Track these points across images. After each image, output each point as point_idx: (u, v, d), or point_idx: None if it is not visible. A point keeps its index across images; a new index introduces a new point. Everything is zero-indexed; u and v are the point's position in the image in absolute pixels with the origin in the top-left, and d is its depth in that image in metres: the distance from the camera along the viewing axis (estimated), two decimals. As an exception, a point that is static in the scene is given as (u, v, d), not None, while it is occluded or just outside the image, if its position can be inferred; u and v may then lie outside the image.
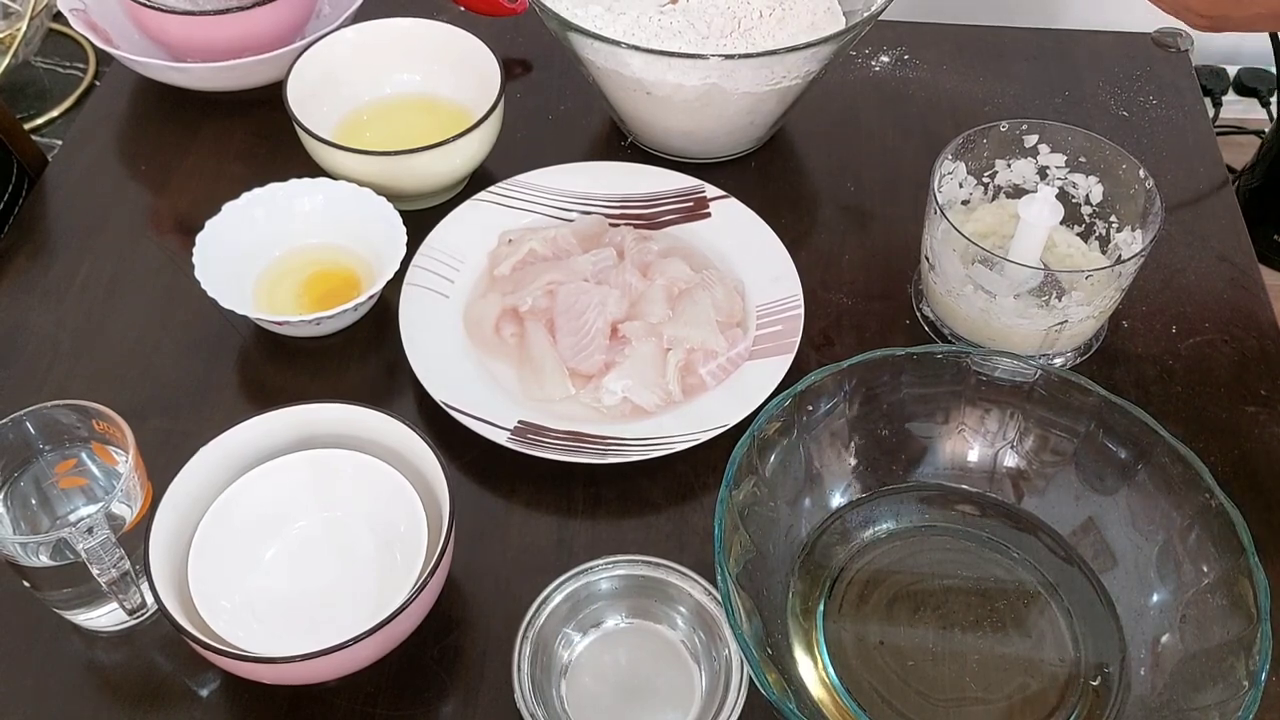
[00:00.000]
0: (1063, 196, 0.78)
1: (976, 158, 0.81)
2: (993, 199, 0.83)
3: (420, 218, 0.84)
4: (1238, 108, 1.62)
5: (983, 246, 0.73)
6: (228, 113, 0.97)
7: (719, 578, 0.60)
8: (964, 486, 0.72)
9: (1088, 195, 0.80)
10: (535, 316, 0.79)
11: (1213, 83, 1.59)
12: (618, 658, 0.65)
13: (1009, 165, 0.82)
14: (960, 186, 0.82)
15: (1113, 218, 0.80)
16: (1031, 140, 0.81)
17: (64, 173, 0.93)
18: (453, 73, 0.93)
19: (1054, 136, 0.80)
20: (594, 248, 0.82)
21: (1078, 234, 0.81)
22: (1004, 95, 0.99)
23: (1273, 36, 1.12)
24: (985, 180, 0.82)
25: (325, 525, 0.69)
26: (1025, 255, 0.75)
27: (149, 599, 0.66)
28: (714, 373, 0.77)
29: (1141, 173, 0.76)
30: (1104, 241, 0.80)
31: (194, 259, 0.78)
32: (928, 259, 0.78)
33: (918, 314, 0.83)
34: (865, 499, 0.71)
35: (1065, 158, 0.80)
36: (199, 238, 0.79)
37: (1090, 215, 0.81)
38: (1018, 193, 0.82)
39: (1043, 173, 0.81)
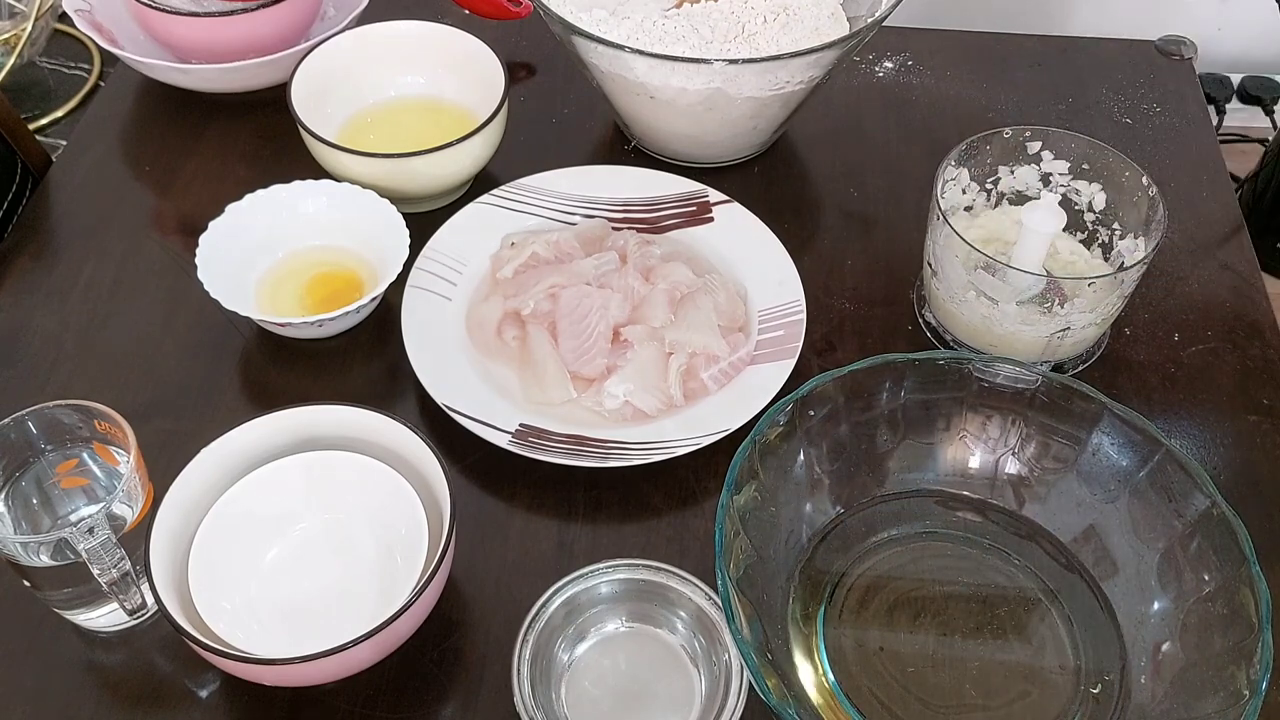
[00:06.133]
0: (1065, 203, 0.78)
1: (980, 164, 0.81)
2: (995, 205, 0.83)
3: (423, 220, 0.84)
4: (1241, 116, 1.62)
5: (985, 253, 0.73)
6: (232, 114, 0.97)
7: (719, 582, 0.60)
8: (965, 493, 0.72)
9: (1090, 202, 0.80)
10: (537, 320, 0.79)
11: (1217, 91, 1.59)
12: (618, 662, 0.65)
13: (1012, 172, 0.82)
14: (963, 193, 0.82)
15: (1115, 225, 0.80)
16: (1035, 147, 0.81)
17: (68, 173, 0.93)
18: (457, 76, 0.93)
19: (1057, 143, 0.80)
20: (596, 251, 0.82)
21: (1080, 241, 0.81)
22: (1007, 102, 0.99)
23: None
24: (988, 186, 0.82)
25: (326, 527, 0.69)
26: (1028, 262, 0.75)
27: (149, 599, 0.66)
28: (716, 377, 0.77)
29: (1145, 180, 0.76)
30: (1106, 249, 0.80)
31: (197, 260, 0.78)
32: (930, 265, 0.78)
33: (920, 320, 0.83)
34: (866, 505, 0.71)
35: (1068, 164, 0.80)
36: (202, 239, 0.79)
37: (1093, 222, 0.81)
38: (1020, 199, 0.82)
39: (1046, 179, 0.81)
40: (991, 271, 0.74)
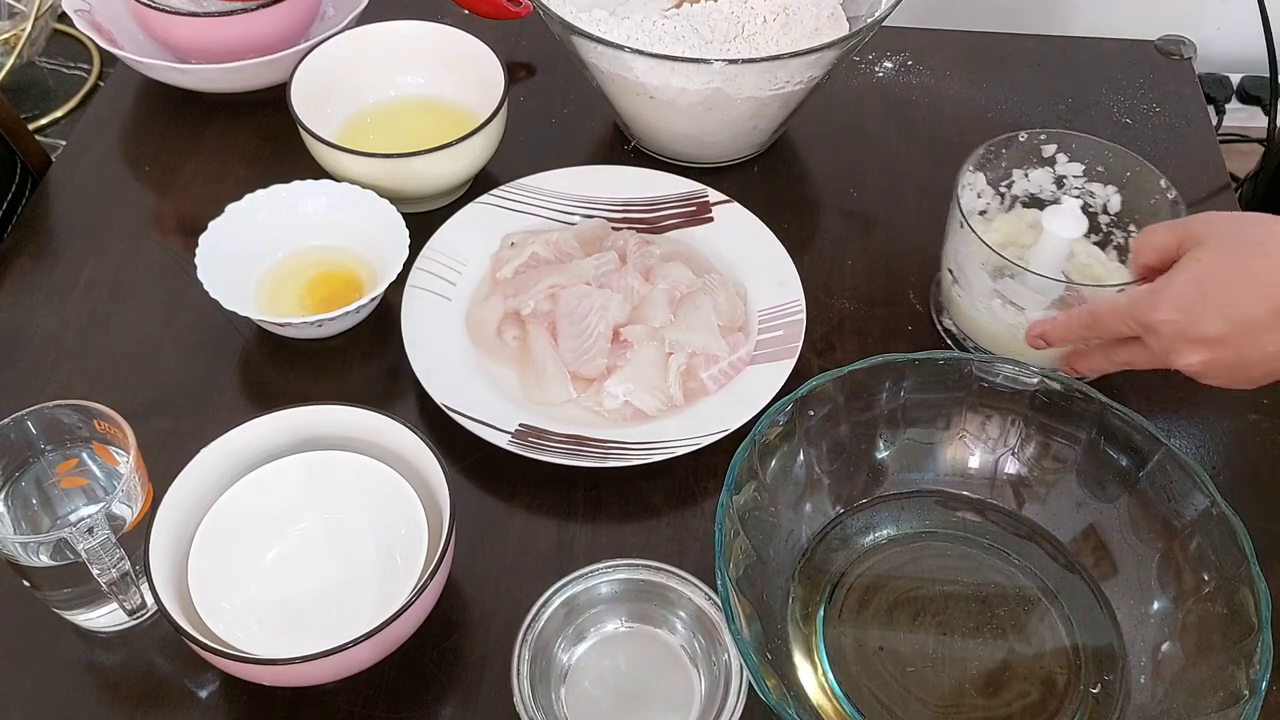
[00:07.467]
0: (1080, 206, 0.77)
1: (994, 168, 0.80)
2: (1009, 209, 0.82)
3: (423, 220, 0.84)
4: (1241, 116, 1.62)
5: (1006, 257, 0.72)
6: (232, 114, 0.97)
7: (719, 582, 0.60)
8: (965, 493, 0.72)
9: (1105, 205, 0.80)
10: (537, 320, 0.79)
11: (1216, 90, 1.59)
12: (617, 662, 0.65)
13: (1026, 175, 0.81)
14: (978, 196, 0.81)
15: (1131, 227, 0.79)
16: (1049, 150, 0.80)
17: (68, 173, 0.93)
18: (456, 75, 0.93)
19: (1072, 146, 0.80)
20: (596, 251, 0.82)
21: (1095, 243, 0.81)
22: (1007, 102, 0.99)
23: (1269, 46, 1.12)
24: (1002, 190, 0.82)
25: (326, 527, 0.69)
26: (1045, 267, 0.74)
27: (149, 600, 0.66)
28: (715, 377, 0.76)
29: (1163, 182, 0.76)
30: (1122, 251, 0.80)
31: (197, 260, 0.78)
32: (950, 272, 0.78)
33: (939, 327, 0.82)
34: (866, 504, 0.71)
35: (1083, 167, 0.80)
36: (202, 239, 0.79)
37: (1108, 225, 0.80)
38: (1034, 202, 0.81)
39: (1059, 182, 0.81)
40: (1011, 275, 0.73)
